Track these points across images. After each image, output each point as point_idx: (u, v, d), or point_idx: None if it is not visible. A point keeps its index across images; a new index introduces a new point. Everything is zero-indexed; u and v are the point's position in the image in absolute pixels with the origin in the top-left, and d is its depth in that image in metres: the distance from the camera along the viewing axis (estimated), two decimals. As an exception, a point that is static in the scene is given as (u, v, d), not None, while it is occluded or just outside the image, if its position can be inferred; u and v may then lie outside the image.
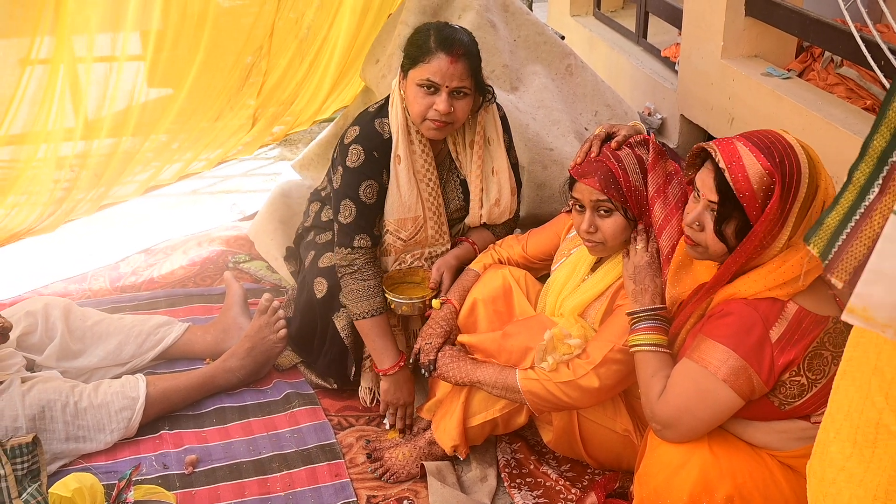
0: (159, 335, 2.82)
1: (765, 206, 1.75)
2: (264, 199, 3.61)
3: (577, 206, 2.21)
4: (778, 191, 1.74)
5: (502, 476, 2.42)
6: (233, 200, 3.97)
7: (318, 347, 2.71)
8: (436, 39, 2.37)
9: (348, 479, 2.42)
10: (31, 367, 2.61)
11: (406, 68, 2.44)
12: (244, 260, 3.45)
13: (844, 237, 1.13)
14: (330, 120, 4.59)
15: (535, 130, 3.22)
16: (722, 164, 1.78)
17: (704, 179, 1.84)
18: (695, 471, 1.83)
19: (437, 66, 2.36)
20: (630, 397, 2.28)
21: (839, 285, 1.10)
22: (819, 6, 3.77)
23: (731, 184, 1.76)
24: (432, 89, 2.38)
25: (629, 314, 2.05)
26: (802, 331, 1.76)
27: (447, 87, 2.37)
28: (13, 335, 2.62)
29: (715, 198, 1.80)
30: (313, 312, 2.64)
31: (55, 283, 3.32)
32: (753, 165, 1.75)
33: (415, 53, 2.40)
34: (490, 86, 2.54)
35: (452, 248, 2.65)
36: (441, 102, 2.37)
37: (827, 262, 1.17)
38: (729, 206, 1.79)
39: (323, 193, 2.83)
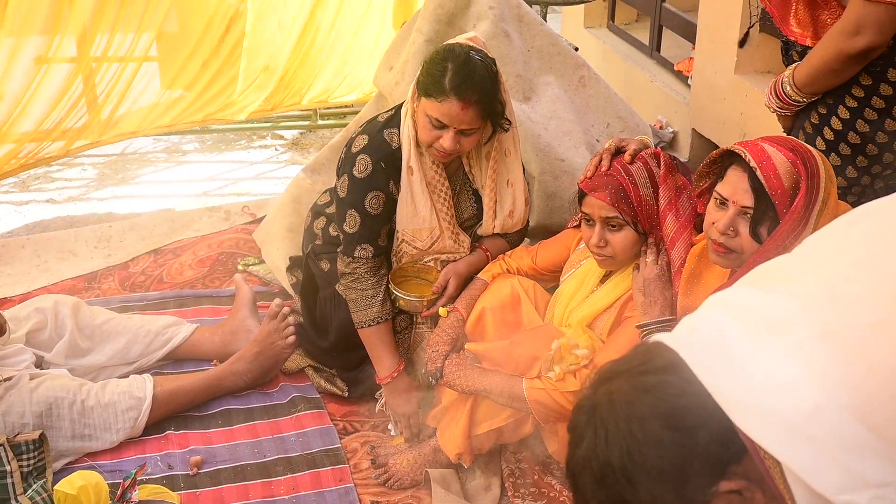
0: (167, 335, 2.82)
1: (792, 204, 1.77)
2: (274, 202, 3.63)
3: (587, 220, 2.21)
4: (804, 186, 1.76)
5: (506, 485, 2.42)
6: (243, 203, 3.99)
7: (360, 360, 2.70)
8: (451, 81, 2.29)
9: (352, 484, 2.42)
10: (39, 363, 2.63)
11: (420, 91, 2.39)
12: (253, 263, 3.46)
13: None
14: (340, 123, 4.62)
15: (547, 141, 3.22)
16: (753, 164, 1.79)
17: (735, 185, 1.84)
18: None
19: (447, 109, 2.31)
20: (636, 410, 2.27)
21: None
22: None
23: (763, 182, 1.77)
24: (440, 126, 2.35)
25: (639, 327, 2.05)
26: None
27: (455, 128, 2.35)
28: (22, 331, 2.63)
29: (750, 203, 1.80)
30: (352, 328, 2.61)
31: (65, 281, 3.33)
32: (783, 163, 1.77)
33: (429, 86, 2.34)
34: (507, 119, 2.48)
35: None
36: (447, 140, 2.35)
37: None
38: (763, 206, 1.80)
39: (328, 210, 2.82)
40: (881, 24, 2.01)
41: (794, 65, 2.25)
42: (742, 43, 2.52)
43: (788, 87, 2.24)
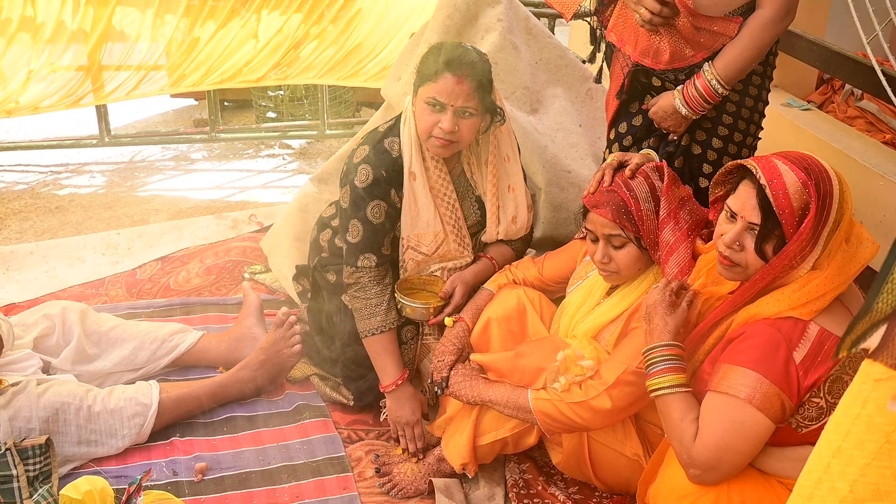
0: (174, 342, 2.83)
1: (800, 225, 1.77)
2: (282, 211, 3.64)
3: (592, 237, 2.22)
4: (814, 210, 1.76)
5: (510, 495, 2.42)
6: (250, 212, 4.01)
7: (366, 369, 2.69)
8: (445, 59, 2.40)
9: (356, 493, 2.42)
10: (46, 369, 2.64)
11: (416, 86, 2.47)
12: (260, 271, 3.48)
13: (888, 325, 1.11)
14: (347, 133, 4.64)
15: (554, 152, 3.24)
16: (763, 181, 1.79)
17: (745, 200, 1.84)
18: (708, 500, 1.82)
19: (443, 86, 2.38)
20: (641, 421, 2.28)
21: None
22: (841, 39, 3.79)
23: (771, 201, 1.77)
24: (438, 107, 2.41)
25: (644, 353, 2.01)
26: (825, 353, 1.75)
27: (452, 105, 2.39)
28: (30, 337, 2.64)
29: (757, 220, 1.81)
30: (358, 338, 2.62)
31: (73, 288, 3.35)
32: (794, 183, 1.77)
33: (424, 71, 2.44)
34: (500, 108, 2.54)
35: (472, 262, 2.66)
36: (446, 121, 2.40)
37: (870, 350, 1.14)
38: (769, 224, 1.80)
39: (333, 223, 2.84)
40: (797, 5, 2.34)
41: (706, 67, 2.40)
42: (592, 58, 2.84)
43: (720, 87, 2.39)
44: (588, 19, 2.68)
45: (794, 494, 1.09)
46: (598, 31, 2.67)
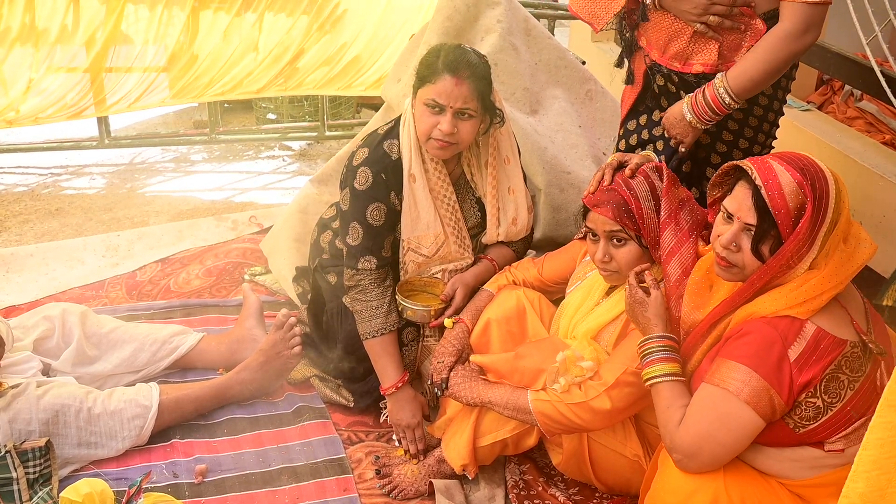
0: (174, 344, 2.83)
1: (796, 225, 1.77)
2: (281, 212, 3.64)
3: (591, 235, 2.22)
4: (810, 210, 1.76)
5: (510, 497, 2.42)
6: (250, 213, 4.01)
7: (366, 371, 2.69)
8: (444, 61, 2.40)
9: (356, 494, 2.43)
10: (46, 371, 2.64)
11: (416, 87, 2.47)
12: (260, 272, 3.48)
13: None
14: (347, 134, 4.64)
15: (554, 153, 3.24)
16: (759, 182, 1.79)
17: (741, 201, 1.84)
18: (706, 499, 1.82)
19: (442, 87, 2.39)
20: (641, 422, 2.28)
21: None
22: (840, 40, 3.79)
23: (767, 201, 1.78)
24: (437, 109, 2.41)
25: (638, 345, 2.04)
26: (821, 351, 1.76)
27: (451, 107, 2.39)
28: (30, 339, 2.65)
29: (753, 220, 1.81)
30: (358, 339, 2.62)
31: (73, 290, 3.35)
32: (789, 184, 1.77)
33: (424, 73, 2.44)
34: (500, 109, 2.55)
35: (473, 264, 2.66)
36: (445, 123, 2.40)
37: None
38: (765, 224, 1.80)
39: (334, 224, 2.84)
40: (821, 22, 2.27)
41: (718, 77, 2.35)
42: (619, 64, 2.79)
43: (728, 98, 2.33)
44: (618, 25, 2.63)
45: (869, 466, 1.12)
46: (628, 34, 2.61)
